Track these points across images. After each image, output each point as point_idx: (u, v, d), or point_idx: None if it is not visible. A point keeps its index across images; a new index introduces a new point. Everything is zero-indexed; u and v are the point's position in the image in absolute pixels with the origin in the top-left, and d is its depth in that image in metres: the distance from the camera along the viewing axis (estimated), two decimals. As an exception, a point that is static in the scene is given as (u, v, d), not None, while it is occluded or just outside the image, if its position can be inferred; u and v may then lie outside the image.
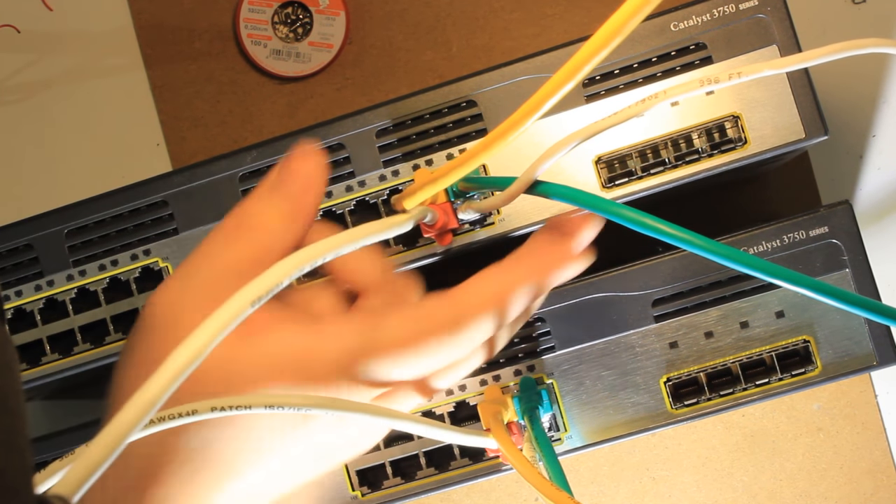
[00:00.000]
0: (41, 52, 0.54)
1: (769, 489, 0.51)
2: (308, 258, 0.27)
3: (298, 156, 0.32)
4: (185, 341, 0.25)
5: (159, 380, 0.24)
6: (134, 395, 0.24)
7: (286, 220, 0.31)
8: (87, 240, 0.40)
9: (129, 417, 0.24)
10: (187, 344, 0.25)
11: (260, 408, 0.29)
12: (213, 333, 0.25)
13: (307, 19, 0.53)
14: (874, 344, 0.39)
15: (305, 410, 0.29)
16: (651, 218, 0.28)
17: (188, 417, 0.28)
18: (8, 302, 0.40)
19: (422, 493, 0.40)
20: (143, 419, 0.24)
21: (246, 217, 0.31)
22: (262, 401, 0.29)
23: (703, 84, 0.28)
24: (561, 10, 0.52)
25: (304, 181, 0.32)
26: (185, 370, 0.24)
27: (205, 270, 0.30)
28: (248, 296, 0.26)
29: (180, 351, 0.24)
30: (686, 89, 0.29)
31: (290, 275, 0.26)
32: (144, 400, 0.24)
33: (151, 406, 0.24)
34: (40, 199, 0.54)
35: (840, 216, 0.39)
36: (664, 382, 0.39)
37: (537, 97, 0.27)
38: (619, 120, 0.30)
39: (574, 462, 0.51)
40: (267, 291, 0.26)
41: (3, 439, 0.20)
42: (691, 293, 0.39)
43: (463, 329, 0.30)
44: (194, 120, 0.53)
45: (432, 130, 0.39)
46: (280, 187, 0.32)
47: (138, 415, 0.24)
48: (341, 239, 0.29)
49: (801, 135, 0.38)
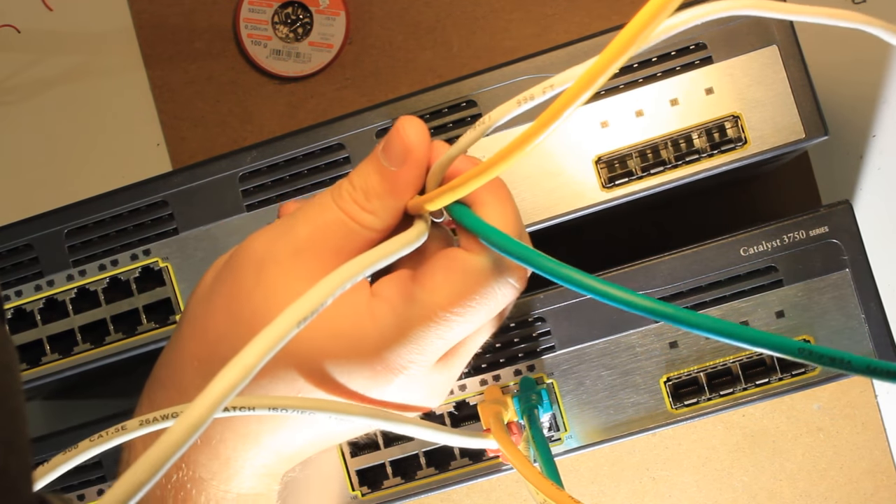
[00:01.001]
0: (41, 52, 0.54)
1: (769, 489, 0.51)
2: (351, 275, 0.28)
3: (398, 129, 0.31)
4: (234, 362, 0.25)
5: (251, 353, 0.25)
6: (228, 365, 0.25)
7: (383, 198, 0.31)
8: (87, 240, 0.40)
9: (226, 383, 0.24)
10: (236, 363, 0.25)
11: (263, 410, 0.29)
12: (260, 354, 0.25)
13: (307, 19, 0.53)
14: (874, 344, 0.39)
15: (310, 413, 0.30)
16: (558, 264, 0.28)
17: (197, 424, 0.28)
18: (8, 302, 0.40)
19: (422, 492, 0.40)
20: (239, 386, 0.24)
21: (346, 190, 0.32)
22: (265, 402, 0.29)
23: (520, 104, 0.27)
24: (561, 10, 0.52)
25: (403, 154, 0.31)
26: (233, 391, 0.25)
27: (300, 229, 0.31)
28: (294, 315, 0.26)
29: (229, 370, 0.25)
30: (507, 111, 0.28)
31: (333, 293, 0.27)
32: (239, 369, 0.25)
33: (246, 375, 0.25)
34: (40, 199, 0.54)
35: (840, 216, 0.39)
36: (664, 382, 0.39)
37: (554, 108, 0.25)
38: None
39: (574, 462, 0.51)
40: (311, 311, 0.26)
41: (4, 439, 0.20)
42: (691, 293, 0.39)
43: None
44: (194, 120, 0.53)
45: (433, 131, 0.39)
46: (383, 160, 0.31)
47: (235, 382, 0.24)
48: (380, 253, 0.29)
49: (801, 135, 0.38)
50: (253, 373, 0.25)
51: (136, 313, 0.40)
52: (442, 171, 0.31)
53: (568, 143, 0.39)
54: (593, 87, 0.24)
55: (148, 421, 0.29)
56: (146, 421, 0.29)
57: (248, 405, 0.29)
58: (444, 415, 0.40)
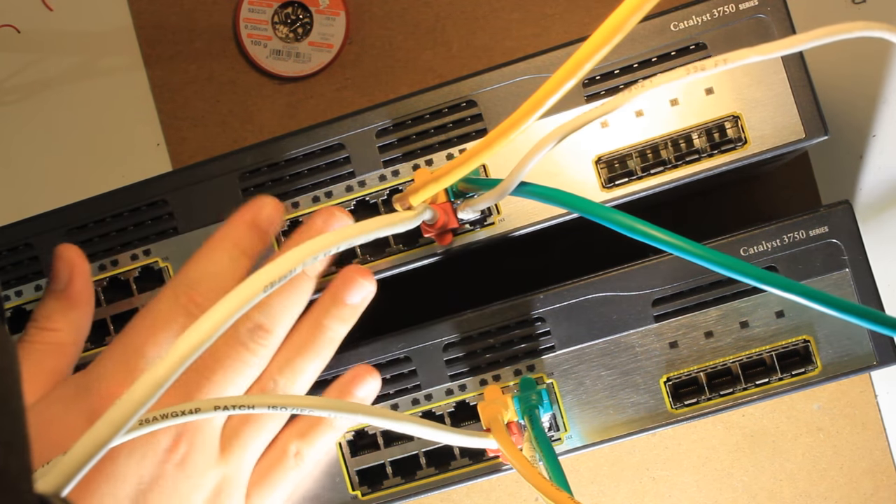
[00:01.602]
0: (41, 52, 0.54)
1: (769, 489, 0.51)
2: (322, 247, 0.27)
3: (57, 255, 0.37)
4: (196, 324, 0.25)
5: (167, 363, 0.24)
6: (138, 380, 0.24)
7: (65, 312, 0.37)
8: (87, 239, 0.40)
9: (130, 405, 0.24)
10: (197, 327, 0.25)
11: (263, 408, 0.29)
12: (223, 318, 0.25)
13: (307, 19, 0.53)
14: (874, 344, 0.39)
15: (309, 411, 0.30)
16: (639, 222, 0.28)
17: (191, 416, 0.28)
18: (8, 302, 0.40)
19: (422, 492, 0.40)
20: (147, 402, 0.24)
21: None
22: (266, 401, 0.29)
23: (689, 72, 0.28)
24: (561, 10, 0.52)
25: (68, 273, 0.37)
26: (193, 353, 0.24)
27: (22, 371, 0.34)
28: (262, 280, 0.26)
29: (190, 333, 0.24)
30: (672, 77, 0.29)
31: (303, 261, 0.27)
32: (149, 382, 0.24)
33: (159, 387, 0.24)
34: (40, 199, 0.54)
35: (840, 216, 0.39)
36: (664, 382, 0.39)
37: (538, 96, 0.27)
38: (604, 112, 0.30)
39: (574, 462, 0.51)
40: (279, 277, 0.26)
41: (4, 440, 0.20)
42: (691, 293, 0.39)
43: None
44: (194, 120, 0.53)
45: (432, 130, 0.39)
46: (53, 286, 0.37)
47: (142, 399, 0.24)
48: (354, 230, 0.29)
49: (801, 135, 0.38)
50: (221, 330, 0.25)
51: (136, 313, 0.40)
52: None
53: (568, 143, 0.39)
54: (579, 74, 0.24)
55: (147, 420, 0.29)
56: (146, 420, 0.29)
57: (248, 404, 0.29)
58: (444, 415, 0.40)
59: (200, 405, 0.28)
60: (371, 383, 0.39)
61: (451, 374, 0.40)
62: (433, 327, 0.40)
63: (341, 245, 0.28)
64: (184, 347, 0.24)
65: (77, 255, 0.37)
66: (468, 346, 0.40)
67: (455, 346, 0.40)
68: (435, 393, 0.40)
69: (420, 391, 0.40)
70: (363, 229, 0.30)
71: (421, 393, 0.40)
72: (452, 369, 0.40)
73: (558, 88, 0.26)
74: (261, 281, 0.26)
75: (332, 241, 0.28)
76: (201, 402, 0.28)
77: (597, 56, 0.24)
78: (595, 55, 0.24)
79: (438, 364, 0.40)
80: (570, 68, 0.25)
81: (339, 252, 0.39)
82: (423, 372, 0.40)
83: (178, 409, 0.28)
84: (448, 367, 0.40)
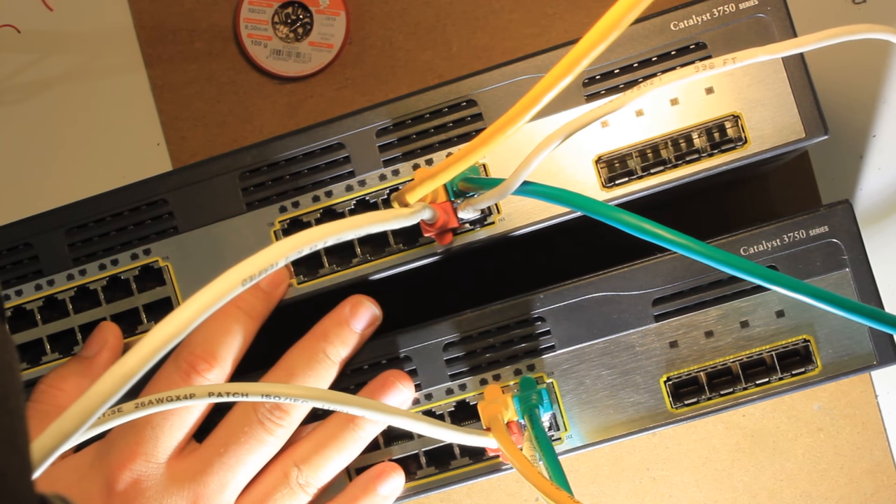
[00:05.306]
0: (41, 52, 0.54)
1: (769, 489, 0.51)
2: (309, 240, 0.27)
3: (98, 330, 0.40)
4: (171, 315, 0.24)
5: (141, 351, 0.24)
6: (114, 366, 0.24)
7: (77, 378, 0.39)
8: (87, 239, 0.40)
9: (105, 387, 0.23)
10: (173, 317, 0.24)
11: (257, 396, 0.29)
12: (199, 309, 0.24)
13: (307, 19, 0.53)
14: (874, 343, 0.39)
15: (301, 402, 0.30)
16: (645, 221, 0.28)
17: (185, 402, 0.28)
18: (8, 301, 0.40)
19: (422, 492, 0.40)
20: (123, 387, 0.23)
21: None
22: (260, 389, 0.29)
23: (697, 70, 0.28)
24: (561, 10, 0.52)
25: (100, 344, 0.39)
26: (168, 343, 0.24)
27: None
28: (241, 274, 0.25)
29: (166, 323, 0.24)
30: (680, 76, 0.29)
31: (286, 255, 0.26)
32: (125, 369, 0.24)
33: (132, 375, 0.23)
34: (40, 199, 0.54)
35: (840, 216, 0.39)
36: (664, 382, 0.39)
37: (534, 92, 0.27)
38: (611, 109, 0.30)
39: (574, 462, 0.51)
40: (259, 271, 0.25)
41: (4, 439, 0.20)
42: (691, 292, 0.39)
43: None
44: (194, 120, 0.53)
45: (432, 130, 0.39)
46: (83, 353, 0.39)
47: (117, 383, 0.23)
48: (344, 224, 0.29)
49: (801, 135, 0.38)
50: (194, 323, 0.24)
51: (136, 312, 0.40)
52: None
53: (568, 142, 0.39)
54: (575, 71, 0.24)
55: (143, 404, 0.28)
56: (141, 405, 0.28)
57: (242, 391, 0.29)
58: (444, 414, 0.40)
59: (195, 391, 0.28)
60: (404, 391, 0.40)
61: (451, 374, 0.40)
62: (433, 327, 0.40)
63: (329, 240, 0.28)
64: (157, 338, 0.24)
65: (113, 335, 0.39)
66: (468, 345, 0.40)
67: (455, 346, 0.40)
68: (435, 392, 0.40)
69: (420, 391, 0.40)
70: (354, 224, 0.29)
71: (421, 392, 0.40)
72: (452, 369, 0.40)
73: (554, 85, 0.26)
74: (239, 274, 0.25)
75: (321, 234, 0.27)
76: (196, 388, 0.28)
77: (593, 53, 0.24)
78: (591, 52, 0.24)
79: (439, 364, 0.40)
80: (567, 65, 0.25)
81: (341, 256, 0.39)
82: (424, 371, 0.40)
83: (172, 395, 0.28)
84: (448, 367, 0.40)
